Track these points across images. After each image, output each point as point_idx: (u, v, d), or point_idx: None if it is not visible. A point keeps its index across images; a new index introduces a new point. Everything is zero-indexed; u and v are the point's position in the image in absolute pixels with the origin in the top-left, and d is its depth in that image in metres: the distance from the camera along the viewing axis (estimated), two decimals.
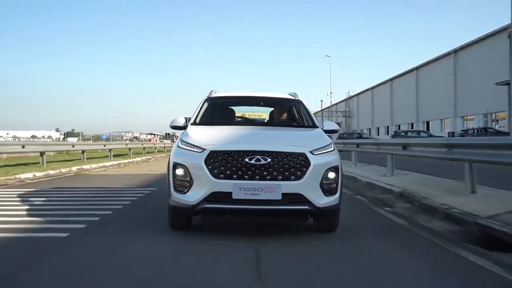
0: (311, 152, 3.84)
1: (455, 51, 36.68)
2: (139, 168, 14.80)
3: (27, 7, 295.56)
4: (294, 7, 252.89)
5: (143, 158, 21.87)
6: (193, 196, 3.73)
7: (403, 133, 29.43)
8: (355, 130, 55.56)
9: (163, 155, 26.15)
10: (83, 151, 17.68)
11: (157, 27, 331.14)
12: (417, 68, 43.91)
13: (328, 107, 63.89)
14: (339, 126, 29.00)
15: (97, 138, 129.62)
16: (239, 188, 3.63)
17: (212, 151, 3.75)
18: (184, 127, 4.69)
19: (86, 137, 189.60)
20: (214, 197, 3.69)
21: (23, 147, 13.29)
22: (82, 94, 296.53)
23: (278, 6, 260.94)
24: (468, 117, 35.27)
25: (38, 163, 13.68)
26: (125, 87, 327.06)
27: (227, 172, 3.69)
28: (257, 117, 7.29)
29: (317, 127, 4.87)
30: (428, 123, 42.00)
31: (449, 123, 37.53)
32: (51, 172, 11.36)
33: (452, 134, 30.67)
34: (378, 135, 53.37)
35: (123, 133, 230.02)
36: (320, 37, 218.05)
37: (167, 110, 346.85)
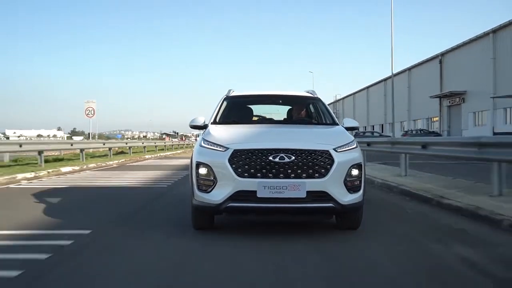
0: (334, 149, 3.91)
1: (409, 69, 48.53)
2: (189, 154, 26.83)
3: (28, 4, 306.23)
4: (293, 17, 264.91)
5: (181, 150, 33.74)
6: (218, 195, 3.81)
7: (361, 133, 41.23)
8: None
9: (185, 150, 37.86)
10: (110, 148, 20.20)
11: (155, 27, 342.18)
12: (385, 79, 55.67)
13: None
14: None
15: (99, 136, 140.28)
16: (264, 187, 3.70)
17: (236, 149, 3.84)
18: (204, 127, 4.83)
19: (94, 135, 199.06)
20: (238, 195, 3.77)
21: (72, 145, 16.35)
22: (82, 93, 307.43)
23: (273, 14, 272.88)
24: (418, 120, 47.06)
25: (128, 153, 25.39)
26: (124, 86, 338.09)
27: (251, 170, 3.76)
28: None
29: (337, 124, 5.01)
30: (392, 124, 53.80)
31: (405, 124, 49.34)
32: (157, 155, 23.17)
33: (406, 131, 42.44)
34: None
35: (122, 132, 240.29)
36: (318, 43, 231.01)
37: (166, 110, 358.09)
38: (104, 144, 20.01)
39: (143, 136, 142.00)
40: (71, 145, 16.24)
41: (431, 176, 8.74)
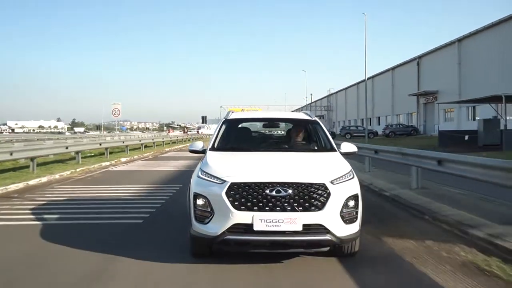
0: (331, 181, 4.04)
1: (393, 68, 54.36)
2: None
3: None
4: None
5: (190, 144, 39.85)
6: (214, 227, 3.98)
7: (347, 127, 47.20)
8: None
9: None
10: (142, 144, 26.35)
11: (154, 18, 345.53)
12: (372, 77, 61.47)
13: (309, 103, 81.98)
14: (323, 118, 52.15)
15: (104, 128, 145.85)
16: (260, 220, 3.84)
17: (233, 183, 3.98)
18: (202, 151, 5.19)
19: (87, 127, 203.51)
20: (235, 228, 3.91)
21: (123, 142, 22.28)
22: (80, 83, 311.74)
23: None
24: (400, 115, 53.02)
25: (152, 146, 31.28)
26: (121, 76, 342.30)
27: (248, 204, 3.91)
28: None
29: (335, 150, 5.13)
30: (379, 118, 59.75)
31: (390, 118, 55.34)
32: (173, 148, 29.21)
33: (387, 126, 48.34)
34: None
35: (121, 122, 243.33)
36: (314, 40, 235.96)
37: (164, 100, 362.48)
38: (140, 141, 26.90)
39: (146, 128, 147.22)
40: (123, 142, 22.77)
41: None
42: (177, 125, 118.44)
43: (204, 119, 60.54)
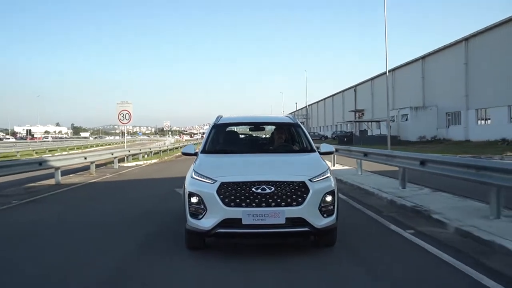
0: (310, 179, 4.84)
1: (343, 91, 79.94)
2: None
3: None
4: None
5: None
6: (207, 222, 4.79)
7: (311, 133, 72.31)
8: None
9: None
10: (175, 146, 51.03)
11: (147, 24, 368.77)
12: (333, 95, 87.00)
13: (293, 112, 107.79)
14: (303, 124, 76.56)
15: (103, 133, 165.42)
16: (248, 215, 4.63)
17: (223, 182, 4.78)
18: (194, 154, 6.05)
19: (93, 130, 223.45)
20: (226, 223, 4.71)
21: (173, 145, 49.70)
22: (78, 87, 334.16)
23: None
24: (348, 124, 78.22)
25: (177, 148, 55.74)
26: (117, 80, 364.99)
27: (237, 200, 4.69)
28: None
29: (314, 150, 6.03)
30: (336, 125, 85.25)
31: (342, 125, 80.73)
32: None
33: (334, 132, 73.38)
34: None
35: (115, 126, 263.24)
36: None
37: (159, 103, 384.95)
38: (174, 145, 50.14)
39: (155, 133, 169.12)
40: (173, 145, 46.67)
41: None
42: (184, 130, 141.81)
43: None
